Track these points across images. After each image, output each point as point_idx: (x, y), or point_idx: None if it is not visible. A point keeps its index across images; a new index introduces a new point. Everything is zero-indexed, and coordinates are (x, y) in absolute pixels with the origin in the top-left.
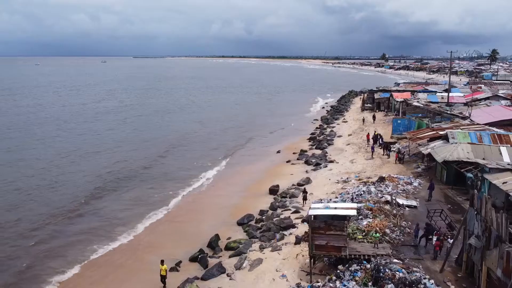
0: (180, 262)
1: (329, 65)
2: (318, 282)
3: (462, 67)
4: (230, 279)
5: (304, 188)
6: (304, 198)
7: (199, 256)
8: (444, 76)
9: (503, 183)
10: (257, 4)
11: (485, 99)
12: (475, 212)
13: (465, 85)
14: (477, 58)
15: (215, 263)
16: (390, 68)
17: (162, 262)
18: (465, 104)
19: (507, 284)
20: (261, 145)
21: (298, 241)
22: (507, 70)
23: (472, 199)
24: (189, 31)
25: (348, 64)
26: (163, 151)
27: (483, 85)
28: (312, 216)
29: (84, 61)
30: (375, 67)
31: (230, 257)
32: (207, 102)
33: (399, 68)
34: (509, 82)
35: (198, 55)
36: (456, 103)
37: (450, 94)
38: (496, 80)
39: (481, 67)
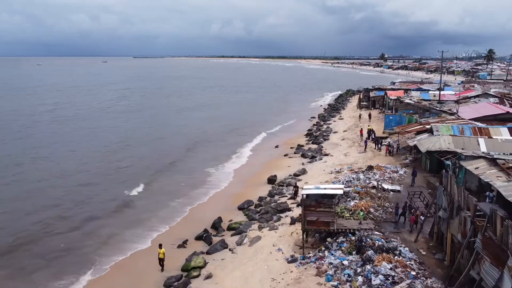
0: (187, 240)
1: (328, 65)
2: (309, 253)
3: (459, 67)
4: (232, 253)
5: (296, 183)
6: (295, 193)
7: (204, 235)
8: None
9: (476, 168)
10: (257, 4)
11: (475, 96)
12: (443, 189)
13: (459, 84)
14: (475, 58)
15: (219, 240)
16: (389, 68)
17: (160, 246)
18: (456, 101)
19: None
20: (261, 141)
21: (293, 221)
22: (503, 70)
23: (441, 178)
24: (189, 31)
25: (348, 64)
26: (185, 148)
27: (476, 84)
28: (305, 195)
29: (85, 61)
30: (374, 67)
31: (232, 235)
32: (217, 101)
33: (398, 68)
34: (502, 81)
35: (198, 55)
36: (447, 100)
37: (442, 92)
38: (490, 79)
39: (478, 67)
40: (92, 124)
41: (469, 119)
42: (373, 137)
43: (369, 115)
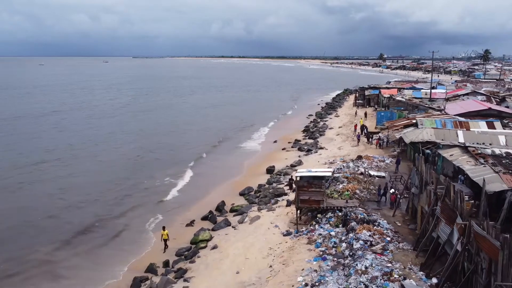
0: (194, 220)
1: (327, 65)
2: (302, 228)
3: (456, 67)
4: (234, 229)
5: (291, 176)
6: (291, 186)
7: (209, 216)
8: (438, 75)
9: (450, 155)
10: (257, 4)
11: (464, 95)
12: (416, 170)
13: (452, 83)
14: (474, 58)
15: (222, 219)
16: (387, 68)
17: (163, 228)
18: (446, 99)
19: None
20: (262, 137)
21: (288, 204)
22: (498, 70)
23: (414, 160)
24: (189, 31)
25: (347, 64)
26: (202, 144)
27: (468, 83)
28: (298, 177)
29: (86, 61)
30: (373, 67)
31: (234, 216)
32: (225, 100)
33: (396, 68)
34: (495, 80)
35: (197, 55)
36: (438, 98)
37: (434, 91)
38: (484, 78)
39: (474, 67)
40: (113, 121)
41: (454, 115)
42: (365, 132)
43: (365, 114)
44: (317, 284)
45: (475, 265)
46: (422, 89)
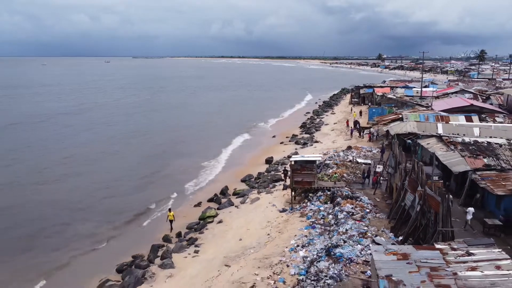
0: (201, 202)
1: (327, 65)
2: (296, 206)
3: (453, 67)
4: (237, 208)
5: (285, 167)
6: (285, 175)
7: (215, 198)
8: (435, 75)
9: (427, 144)
10: (257, 4)
11: (453, 93)
12: (392, 153)
13: (445, 82)
14: (472, 58)
15: (226, 200)
16: (386, 68)
17: (169, 210)
18: (436, 97)
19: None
20: (261, 133)
21: (285, 187)
22: (493, 70)
23: (391, 145)
24: (189, 31)
25: (346, 64)
26: (213, 139)
27: (460, 82)
28: (293, 161)
29: (87, 61)
30: (371, 67)
31: (236, 198)
32: (233, 99)
33: (394, 68)
34: (487, 80)
35: (197, 55)
36: (428, 96)
37: (425, 89)
38: (477, 78)
39: (471, 67)
40: (129, 120)
41: (439, 110)
42: (358, 126)
43: (360, 112)
44: (306, 245)
45: (427, 220)
46: (414, 87)
